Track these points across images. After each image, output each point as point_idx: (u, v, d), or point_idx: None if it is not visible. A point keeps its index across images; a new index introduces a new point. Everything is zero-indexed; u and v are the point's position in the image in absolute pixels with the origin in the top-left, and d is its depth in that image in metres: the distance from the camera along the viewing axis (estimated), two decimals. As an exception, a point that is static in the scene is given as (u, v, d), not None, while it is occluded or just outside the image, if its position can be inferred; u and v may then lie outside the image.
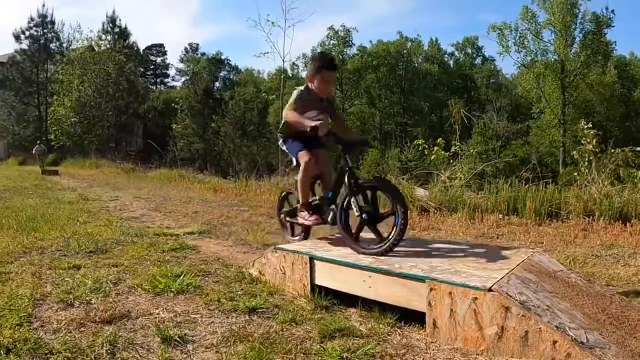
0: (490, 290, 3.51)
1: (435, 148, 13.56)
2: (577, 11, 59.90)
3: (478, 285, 3.58)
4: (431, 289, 3.81)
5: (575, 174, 12.02)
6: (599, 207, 9.48)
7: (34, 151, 28.34)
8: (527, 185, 10.62)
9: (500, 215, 9.86)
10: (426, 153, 13.84)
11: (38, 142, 32.77)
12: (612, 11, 60.84)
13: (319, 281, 4.79)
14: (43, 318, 4.14)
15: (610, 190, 10.06)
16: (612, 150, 12.56)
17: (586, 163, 11.90)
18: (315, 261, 4.82)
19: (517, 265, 4.17)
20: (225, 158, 50.00)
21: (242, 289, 5.06)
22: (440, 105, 70.38)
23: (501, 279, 3.72)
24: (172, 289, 4.93)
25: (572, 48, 60.60)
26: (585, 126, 12.58)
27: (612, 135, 56.56)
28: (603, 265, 6.41)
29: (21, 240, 7.26)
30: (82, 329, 3.93)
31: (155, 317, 4.24)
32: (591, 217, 9.36)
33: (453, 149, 13.31)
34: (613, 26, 61.16)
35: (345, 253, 4.90)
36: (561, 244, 7.74)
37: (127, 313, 4.30)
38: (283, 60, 25.77)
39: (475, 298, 3.55)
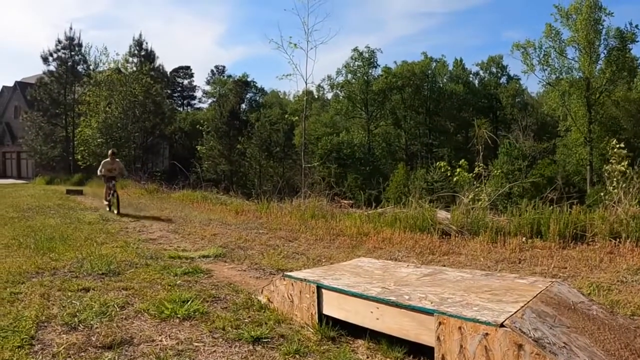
0: (502, 325, 3.33)
1: (458, 169, 13.37)
2: (601, 27, 59.26)
3: (489, 320, 3.40)
4: (440, 323, 3.64)
5: (602, 194, 11.72)
6: (625, 229, 9.19)
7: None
8: (551, 207, 10.33)
9: (524, 239, 9.59)
10: (448, 174, 13.66)
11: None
12: (637, 26, 60.17)
13: (326, 311, 4.67)
14: (45, 341, 4.16)
15: (638, 211, 9.76)
16: (640, 169, 12.27)
17: (614, 183, 11.61)
18: (323, 290, 4.70)
19: (534, 297, 3.95)
20: (251, 179, 50.15)
21: (249, 317, 4.96)
22: (466, 126, 70.03)
23: (515, 313, 3.52)
24: (179, 315, 4.87)
25: (597, 65, 59.92)
26: (617, 145, 12.31)
27: (640, 153, 56.09)
28: (629, 292, 6.17)
29: (35, 261, 7.29)
30: (82, 353, 3.93)
31: (157, 345, 4.16)
32: (618, 240, 9.04)
33: (476, 169, 13.08)
34: (638, 41, 60.51)
35: (353, 282, 4.76)
36: (585, 269, 7.50)
37: (129, 339, 4.24)
38: (306, 83, 25.47)
39: (487, 334, 3.37)
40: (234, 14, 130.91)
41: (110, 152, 18.11)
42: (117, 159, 17.98)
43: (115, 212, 15.94)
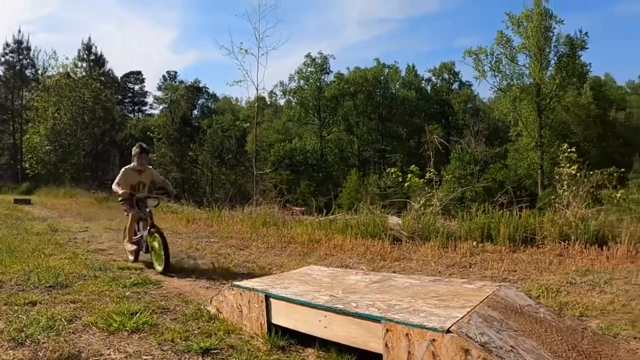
0: (448, 331, 3.32)
1: (409, 175, 13.43)
2: (551, 35, 60.49)
3: (436, 326, 3.39)
4: (387, 330, 3.62)
5: (553, 197, 11.89)
6: (574, 231, 9.34)
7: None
8: (501, 211, 10.43)
9: (474, 243, 9.67)
10: (400, 180, 13.70)
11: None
12: (586, 33, 61.53)
13: (275, 320, 4.62)
14: (-9, 357, 3.99)
15: (586, 213, 9.92)
16: (590, 173, 12.47)
17: (564, 186, 11.78)
18: (272, 299, 4.65)
19: (481, 302, 3.95)
20: (203, 187, 49.72)
21: (198, 328, 4.89)
22: (418, 131, 70.55)
23: (461, 318, 3.52)
24: (127, 328, 4.77)
25: (547, 71, 61.15)
26: (568, 149, 12.50)
27: (590, 156, 57.26)
28: (578, 294, 6.25)
29: (-21, 275, 7.07)
30: (29, 369, 3.79)
31: (106, 359, 4.06)
32: (567, 242, 9.18)
33: (427, 175, 13.15)
34: (587, 48, 61.82)
35: (301, 291, 4.73)
36: (535, 271, 7.59)
37: (77, 353, 4.14)
38: (256, 89, 25.42)
39: (434, 340, 3.36)
40: (187, 18, 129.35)
41: (137, 148, 9.47)
42: (150, 165, 9.86)
43: (160, 267, 8.25)
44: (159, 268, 8.21)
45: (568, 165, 12.35)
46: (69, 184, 36.36)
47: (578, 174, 11.89)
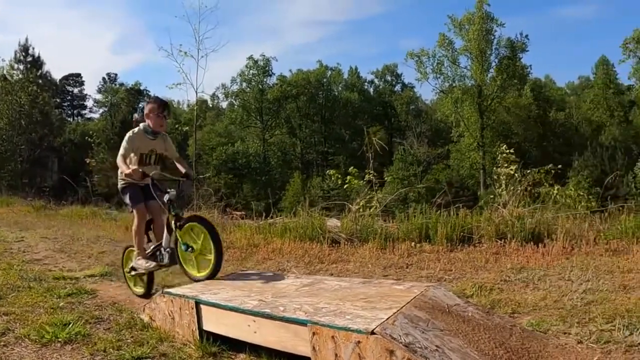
0: (373, 333, 3.35)
1: (349, 177, 13.47)
2: (493, 37, 61.78)
3: (360, 328, 3.42)
4: (314, 333, 3.64)
5: (492, 196, 12.07)
6: (510, 230, 9.45)
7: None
8: (438, 212, 10.53)
9: (412, 244, 9.71)
10: (339, 182, 13.71)
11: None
12: (527, 36, 62.94)
13: (207, 326, 4.60)
14: None
15: (523, 211, 10.08)
16: (527, 171, 12.69)
17: (503, 185, 11.97)
18: (202, 305, 4.64)
19: (408, 302, 3.99)
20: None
21: (131, 337, 4.83)
22: (361, 133, 70.51)
23: (387, 319, 3.54)
24: (60, 339, 4.70)
25: (488, 73, 62.34)
26: (506, 150, 12.69)
27: (531, 156, 58.37)
28: (512, 291, 6.34)
29: None
30: (-40, 386, 3.69)
31: (38, 371, 3.99)
32: (503, 240, 9.29)
33: (367, 177, 13.19)
34: (527, 51, 63.28)
35: (231, 296, 4.71)
36: (471, 270, 7.67)
37: (9, 367, 4.04)
38: (196, 92, 24.97)
39: (359, 342, 3.38)
40: (128, 18, 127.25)
41: (154, 102, 6.71)
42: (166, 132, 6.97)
43: (203, 273, 6.02)
44: (202, 274, 5.98)
45: (506, 165, 12.56)
46: (6, 192, 35.56)
47: (516, 174, 12.09)
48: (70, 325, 5.04)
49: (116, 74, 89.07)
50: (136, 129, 6.64)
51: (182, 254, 6.27)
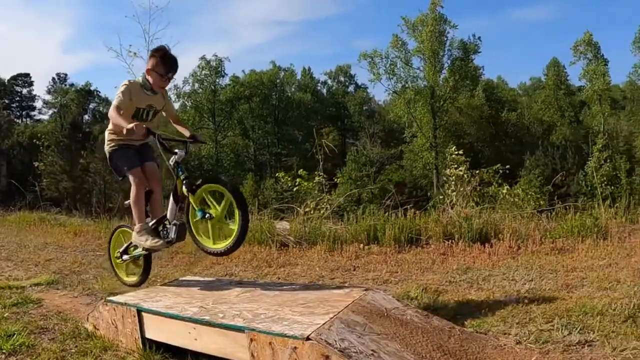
0: (308, 338, 3.36)
1: (298, 179, 13.42)
2: (446, 39, 62.53)
3: (297, 334, 3.43)
4: (252, 340, 3.63)
5: (441, 196, 12.14)
6: (458, 230, 9.52)
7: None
8: (387, 213, 10.54)
9: (361, 246, 9.70)
10: (289, 184, 13.63)
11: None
12: (479, 38, 63.81)
13: (149, 334, 4.54)
14: None
15: (470, 212, 10.15)
16: (476, 172, 12.79)
17: (452, 186, 12.05)
18: (144, 313, 4.57)
19: (345, 307, 4.00)
20: (96, 196, 48.25)
21: (76, 347, 4.77)
22: (314, 134, 71.08)
23: (323, 325, 3.56)
24: (4, 350, 4.63)
25: (441, 74, 63.02)
26: (455, 152, 12.78)
27: (483, 155, 59.11)
28: (455, 292, 6.37)
29: None
30: None
31: (-20, 383, 3.90)
32: (451, 241, 9.34)
33: (317, 179, 13.14)
34: (480, 52, 64.24)
35: (172, 303, 4.67)
36: (417, 271, 7.68)
37: (-49, 380, 3.94)
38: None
39: (295, 347, 3.39)
40: (78, 17, 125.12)
41: (159, 52, 5.71)
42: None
43: (223, 244, 5.28)
44: (220, 245, 5.28)
45: (455, 166, 12.65)
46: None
47: (465, 175, 12.17)
48: (15, 336, 4.98)
49: (66, 74, 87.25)
50: (133, 79, 5.71)
51: (194, 223, 5.49)
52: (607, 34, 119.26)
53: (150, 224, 5.68)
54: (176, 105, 75.96)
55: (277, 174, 14.47)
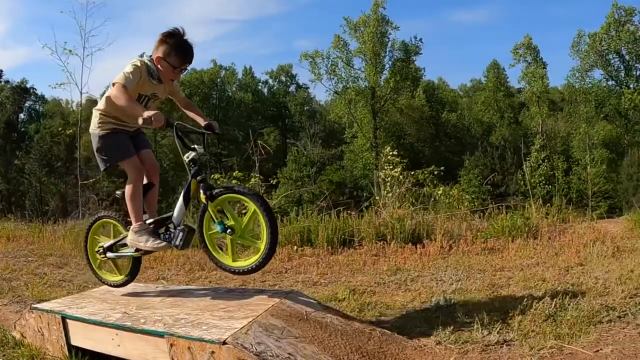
0: (224, 343, 3.39)
1: (234, 181, 13.34)
2: (387, 40, 62.94)
3: (214, 339, 3.46)
4: (172, 345, 3.64)
5: (377, 198, 12.21)
6: (390, 231, 9.59)
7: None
8: (320, 214, 10.57)
9: (294, 247, 9.69)
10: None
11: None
12: (421, 40, 64.51)
13: (75, 342, 4.48)
14: None
15: (403, 213, 10.23)
16: (411, 173, 12.90)
17: (388, 187, 12.13)
18: (68, 320, 4.50)
19: (265, 311, 4.03)
20: (31, 199, 47.18)
21: (3, 355, 4.69)
22: (255, 135, 70.97)
23: (240, 329, 3.59)
24: None
25: (382, 75, 63.48)
26: (390, 152, 12.87)
27: (424, 156, 59.79)
28: (383, 293, 6.44)
29: None
30: None
31: None
32: (383, 242, 9.41)
33: (253, 180, 13.09)
34: (421, 54, 64.99)
35: (97, 310, 4.62)
36: (348, 273, 7.73)
37: None
38: (80, 92, 23.87)
39: (213, 352, 3.43)
40: (16, 10, 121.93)
41: (167, 46, 4.77)
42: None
43: (249, 262, 4.62)
44: (241, 264, 4.67)
45: (390, 167, 12.74)
46: None
47: (400, 176, 12.27)
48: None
49: (1, 71, 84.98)
50: (139, 62, 4.80)
51: (209, 235, 4.82)
52: (546, 38, 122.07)
53: (149, 221, 5.00)
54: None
55: (212, 176, 14.30)
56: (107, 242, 5.25)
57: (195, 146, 4.83)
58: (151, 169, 5.27)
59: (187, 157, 4.79)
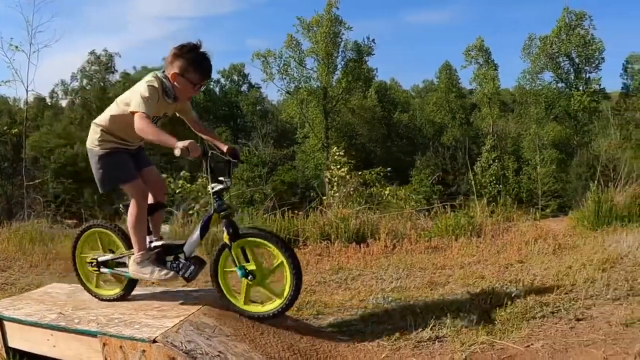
0: (154, 341, 3.43)
1: (180, 181, 13.28)
2: (340, 40, 63.12)
3: (144, 337, 3.49)
4: (104, 344, 3.67)
5: (324, 197, 12.27)
6: (335, 231, 9.64)
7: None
8: (265, 215, 10.60)
9: (239, 248, 9.67)
10: (171, 187, 13.32)
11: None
12: (373, 40, 64.96)
13: (12, 343, 4.46)
14: None
15: (348, 212, 10.29)
16: (359, 173, 13.00)
17: (335, 187, 12.19)
18: (5, 322, 4.47)
19: (197, 310, 4.09)
20: (-24, 201, 46.10)
21: (-58, 361, 4.59)
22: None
23: (171, 327, 3.64)
24: None
25: (334, 75, 63.59)
26: (337, 152, 12.94)
27: (375, 156, 60.09)
28: (324, 292, 6.49)
29: None
30: None
31: None
32: (328, 241, 9.46)
33: (199, 181, 13.05)
34: (374, 54, 65.42)
35: (33, 311, 4.58)
36: (290, 272, 7.76)
37: None
38: (27, 90, 23.30)
39: (144, 350, 3.47)
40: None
41: (186, 62, 4.48)
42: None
43: (270, 306, 4.31)
44: (252, 309, 4.34)
45: (337, 167, 12.83)
46: None
47: (347, 175, 12.36)
48: None
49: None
50: (156, 82, 4.48)
51: (224, 273, 4.55)
52: (498, 40, 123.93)
53: (154, 244, 4.70)
54: (63, 103, 73.56)
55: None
56: (102, 256, 4.85)
57: (224, 179, 4.42)
58: (157, 187, 4.93)
59: (213, 189, 4.40)
